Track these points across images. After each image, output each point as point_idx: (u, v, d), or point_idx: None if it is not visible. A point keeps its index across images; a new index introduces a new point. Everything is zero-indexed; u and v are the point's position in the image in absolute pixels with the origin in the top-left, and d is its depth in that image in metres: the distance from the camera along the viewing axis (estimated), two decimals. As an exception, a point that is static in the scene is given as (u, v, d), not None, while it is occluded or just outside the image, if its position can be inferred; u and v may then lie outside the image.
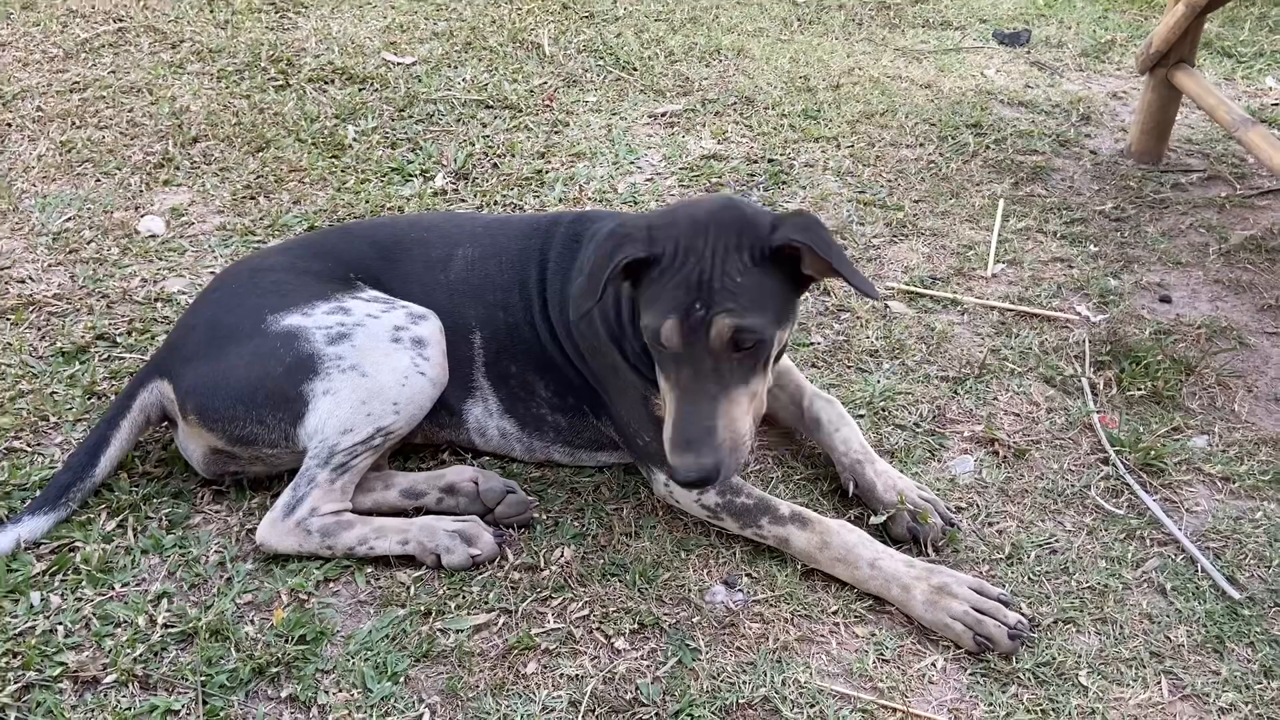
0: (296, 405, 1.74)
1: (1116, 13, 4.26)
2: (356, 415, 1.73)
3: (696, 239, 1.60)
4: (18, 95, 3.21)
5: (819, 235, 1.59)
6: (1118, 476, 1.96)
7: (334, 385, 1.73)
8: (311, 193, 2.79)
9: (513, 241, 1.96)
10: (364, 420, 1.73)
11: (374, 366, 1.75)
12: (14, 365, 2.14)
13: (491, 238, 1.98)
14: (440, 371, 1.81)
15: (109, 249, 2.53)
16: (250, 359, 1.75)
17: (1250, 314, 2.45)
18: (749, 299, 1.56)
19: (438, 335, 1.83)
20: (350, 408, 1.73)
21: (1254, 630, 1.66)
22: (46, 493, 1.78)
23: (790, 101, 3.39)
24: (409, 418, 1.77)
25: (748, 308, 1.56)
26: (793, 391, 1.99)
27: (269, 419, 1.75)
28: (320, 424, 1.73)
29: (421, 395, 1.78)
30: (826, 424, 1.91)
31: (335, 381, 1.74)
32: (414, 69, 3.50)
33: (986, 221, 2.78)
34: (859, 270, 1.53)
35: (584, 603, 1.69)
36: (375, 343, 1.76)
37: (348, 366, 1.74)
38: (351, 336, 1.76)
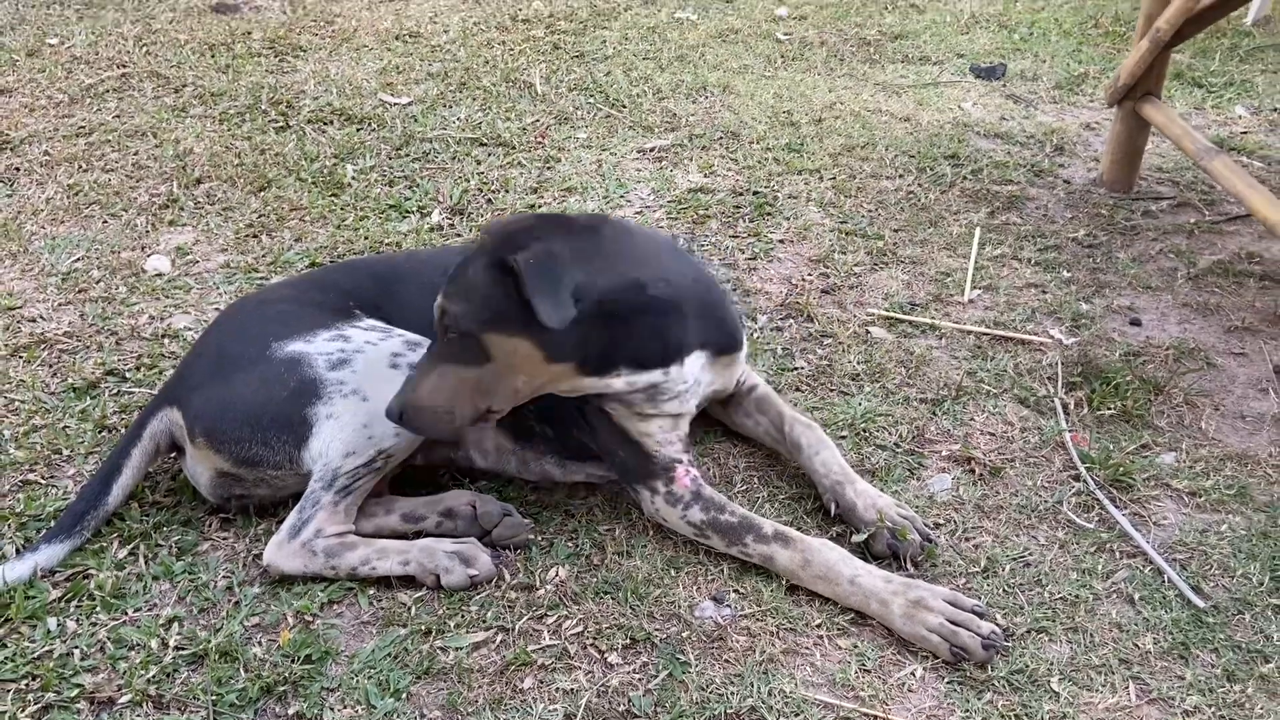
0: (300, 429, 1.82)
1: (1089, 47, 4.39)
2: (358, 438, 1.81)
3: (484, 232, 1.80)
4: (25, 140, 3.31)
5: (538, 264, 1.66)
6: (1089, 492, 2.04)
7: (336, 409, 1.82)
8: (312, 230, 2.88)
9: None
10: (366, 443, 1.82)
11: (374, 391, 1.83)
12: (27, 401, 2.22)
13: None
14: None
15: (117, 288, 2.62)
16: (256, 383, 1.84)
17: (1217, 335, 2.54)
18: (466, 290, 1.72)
19: None
20: (352, 431, 1.81)
21: (1218, 637, 1.74)
22: (62, 521, 1.85)
23: (774, 135, 3.51)
24: (409, 440, 1.85)
25: (458, 299, 1.72)
26: (773, 417, 2.08)
27: (274, 441, 1.83)
28: (324, 447, 1.81)
29: None
30: (807, 448, 2.00)
31: (337, 406, 1.82)
32: (410, 109, 3.61)
33: (963, 249, 2.88)
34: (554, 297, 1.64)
35: (578, 620, 1.76)
36: (375, 368, 1.85)
37: (349, 391, 1.83)
38: (352, 362, 1.85)
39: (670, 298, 1.83)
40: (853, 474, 1.95)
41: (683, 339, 1.88)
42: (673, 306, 1.84)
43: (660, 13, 4.63)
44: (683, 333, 1.87)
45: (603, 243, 1.79)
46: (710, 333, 1.94)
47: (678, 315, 1.85)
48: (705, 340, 1.93)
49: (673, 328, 1.85)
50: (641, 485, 1.92)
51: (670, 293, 1.83)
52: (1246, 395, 2.34)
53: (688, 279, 1.91)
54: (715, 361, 1.97)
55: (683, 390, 1.91)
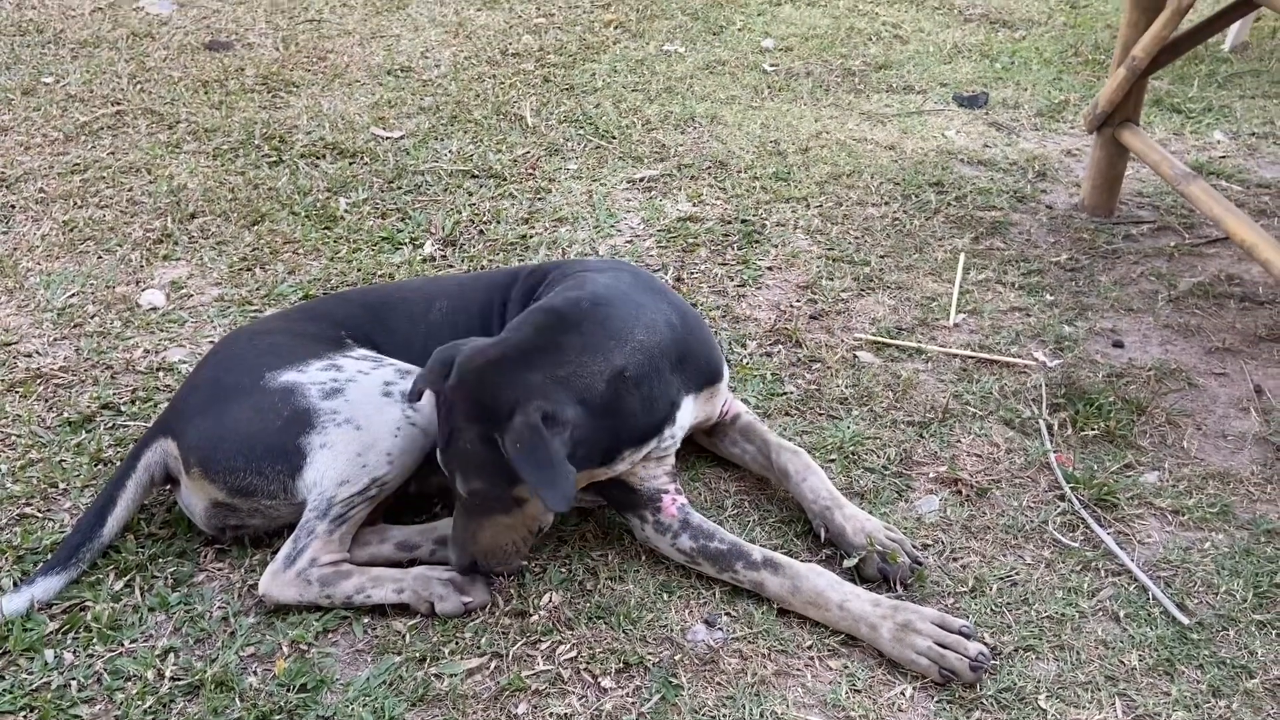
0: (294, 458, 1.84)
1: (1070, 75, 4.47)
2: (352, 467, 1.83)
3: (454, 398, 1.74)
4: (20, 178, 3.35)
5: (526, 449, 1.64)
6: (1074, 512, 2.07)
7: (330, 439, 1.84)
8: (306, 263, 2.92)
9: (480, 294, 2.14)
10: (360, 471, 1.84)
11: (367, 420, 1.85)
12: (23, 436, 2.24)
13: (463, 292, 2.15)
14: (431, 421, 1.92)
15: (112, 322, 2.65)
16: (250, 413, 1.86)
17: (1199, 356, 2.58)
18: (475, 465, 1.72)
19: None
20: (346, 460, 1.83)
21: (1203, 653, 1.77)
22: (58, 554, 1.87)
23: (762, 165, 3.56)
24: (403, 468, 1.88)
25: (472, 474, 1.73)
26: (759, 444, 2.11)
27: (268, 470, 1.85)
28: (318, 476, 1.84)
29: (414, 445, 1.89)
30: (794, 474, 2.02)
31: (331, 435, 1.84)
32: (402, 142, 3.66)
33: (948, 274, 2.92)
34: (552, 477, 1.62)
35: (571, 645, 1.78)
36: (368, 397, 1.88)
37: (343, 420, 1.85)
38: (345, 391, 1.88)
39: (652, 365, 1.84)
40: (841, 498, 1.98)
41: (672, 396, 1.90)
42: (655, 372, 1.84)
43: (648, 46, 4.70)
44: (671, 390, 1.89)
45: (582, 348, 1.77)
46: (693, 373, 1.96)
47: (662, 378, 1.86)
48: (690, 383, 1.95)
49: (660, 394, 1.86)
50: (631, 514, 1.95)
51: (652, 360, 1.83)
52: (1228, 415, 2.37)
53: (664, 330, 1.89)
54: (699, 396, 1.99)
55: (674, 441, 1.94)
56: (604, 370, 1.76)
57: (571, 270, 2.07)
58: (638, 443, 1.85)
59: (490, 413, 1.69)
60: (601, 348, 1.78)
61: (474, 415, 1.71)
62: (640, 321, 1.86)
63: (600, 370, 1.76)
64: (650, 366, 1.83)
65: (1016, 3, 5.44)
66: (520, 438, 1.64)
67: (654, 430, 1.86)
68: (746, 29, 4.98)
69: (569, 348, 1.76)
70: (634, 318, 1.86)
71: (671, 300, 2.02)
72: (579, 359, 1.75)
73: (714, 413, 2.10)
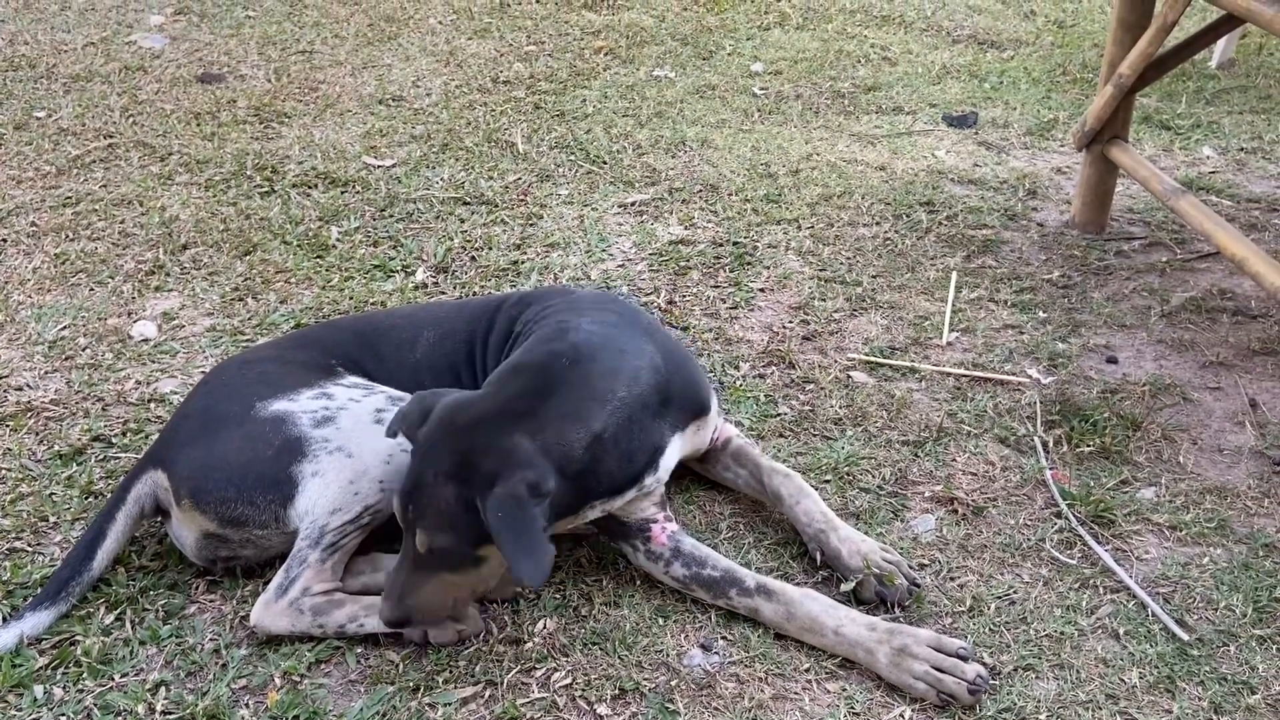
0: (286, 487, 1.83)
1: (1058, 94, 4.50)
2: (345, 495, 1.82)
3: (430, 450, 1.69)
4: (12, 212, 3.35)
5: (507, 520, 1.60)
6: (1071, 529, 2.06)
7: (322, 467, 1.83)
8: (298, 292, 2.91)
9: (465, 324, 2.12)
10: (352, 500, 1.83)
11: (359, 447, 1.84)
12: (14, 469, 2.23)
13: (450, 321, 2.14)
14: None
15: (103, 354, 2.64)
16: (241, 443, 1.85)
17: (1193, 371, 2.58)
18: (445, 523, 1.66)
19: None
20: (339, 488, 1.82)
21: (1203, 669, 1.75)
22: (47, 589, 1.85)
23: (753, 187, 3.57)
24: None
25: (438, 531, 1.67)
26: (751, 469, 2.09)
27: (259, 500, 1.84)
28: (310, 505, 1.82)
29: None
30: (788, 498, 2.00)
31: (323, 463, 1.83)
32: (394, 171, 3.67)
33: (941, 293, 2.92)
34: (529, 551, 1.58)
35: (566, 671, 1.76)
36: (359, 424, 1.87)
37: (334, 448, 1.84)
38: (336, 420, 1.87)
39: (634, 421, 1.79)
40: (835, 520, 1.97)
41: (655, 443, 1.85)
42: (637, 426, 1.80)
43: (638, 71, 4.73)
44: (654, 438, 1.84)
45: (563, 415, 1.73)
46: (679, 411, 1.91)
47: (644, 429, 1.81)
48: (676, 421, 1.91)
49: (640, 447, 1.81)
50: (623, 542, 1.93)
51: (633, 415, 1.79)
52: (1223, 429, 2.37)
53: (648, 378, 1.84)
54: (686, 431, 1.95)
55: (658, 482, 1.89)
56: (584, 437, 1.73)
57: (552, 305, 2.02)
58: (612, 495, 1.80)
59: (472, 475, 1.65)
60: (583, 413, 1.74)
61: (454, 475, 1.66)
62: (622, 375, 1.81)
63: (580, 438, 1.73)
64: (632, 422, 1.79)
65: (1004, 23, 5.49)
66: (504, 508, 1.60)
67: (631, 482, 1.82)
68: (736, 53, 5.01)
69: (551, 413, 1.72)
70: (615, 372, 1.81)
71: (656, 337, 1.97)
72: (560, 425, 1.72)
73: (703, 443, 2.07)
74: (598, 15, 5.57)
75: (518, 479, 1.63)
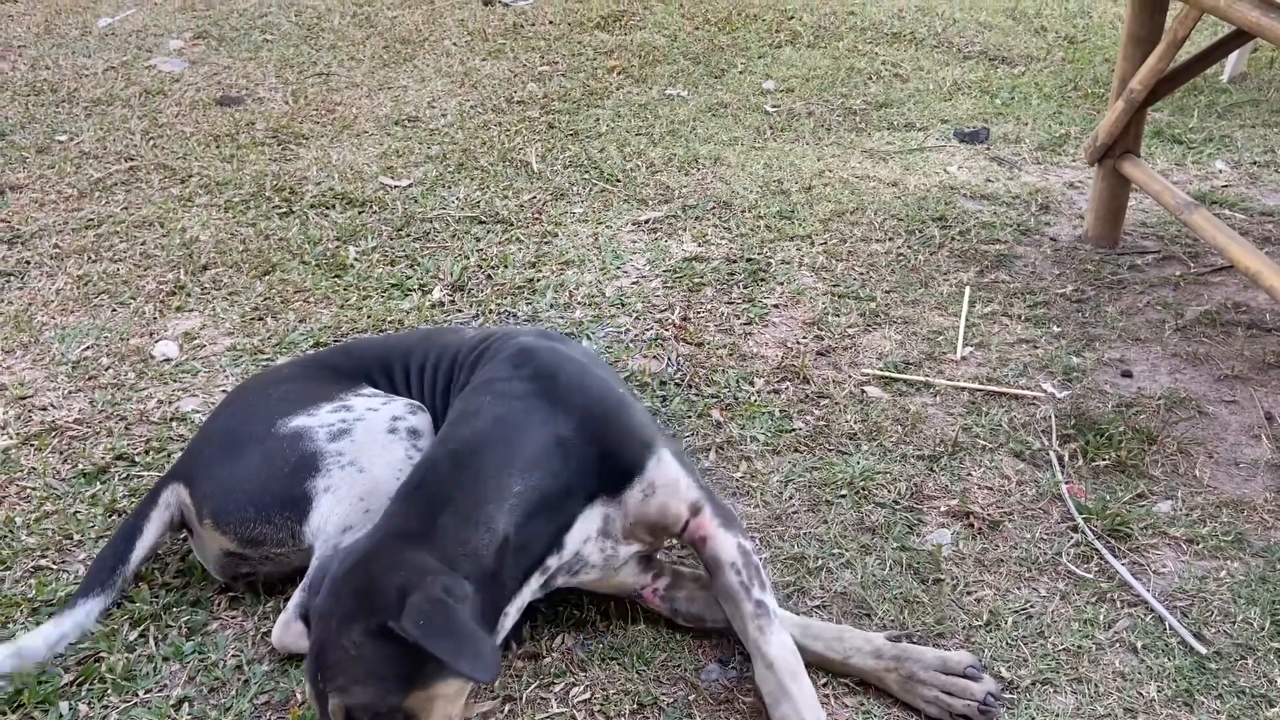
0: (301, 504, 1.84)
1: (1069, 109, 4.51)
2: (355, 512, 1.83)
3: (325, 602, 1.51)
4: (35, 234, 3.40)
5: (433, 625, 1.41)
6: (1087, 543, 2.07)
7: (334, 482, 1.84)
8: (316, 311, 2.95)
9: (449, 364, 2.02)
10: (362, 517, 1.83)
11: (370, 461, 1.85)
12: (38, 488, 2.26)
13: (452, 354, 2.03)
14: None
15: (126, 374, 2.67)
16: (260, 462, 1.87)
17: (1208, 384, 2.58)
18: (360, 673, 1.45)
19: (431, 426, 1.94)
20: (349, 504, 1.83)
21: (1221, 683, 1.75)
22: (90, 578, 1.87)
23: (765, 204, 3.59)
24: None
25: (355, 686, 1.45)
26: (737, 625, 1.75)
27: (276, 519, 1.85)
28: (322, 522, 1.84)
29: None
30: (766, 695, 1.68)
31: (335, 478, 1.84)
32: (410, 191, 3.71)
33: (954, 308, 2.93)
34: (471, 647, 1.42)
35: (585, 686, 1.77)
36: (372, 435, 1.88)
37: (347, 463, 1.85)
38: (351, 432, 1.88)
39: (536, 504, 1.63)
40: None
41: (564, 520, 1.67)
42: (540, 510, 1.63)
43: (651, 90, 4.77)
44: (563, 515, 1.67)
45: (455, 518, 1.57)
46: (601, 477, 1.71)
47: (550, 510, 1.65)
48: (593, 491, 1.71)
49: (539, 534, 1.64)
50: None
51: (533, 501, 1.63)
52: (1239, 442, 2.37)
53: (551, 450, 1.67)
54: (616, 498, 1.73)
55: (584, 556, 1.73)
56: (490, 542, 1.57)
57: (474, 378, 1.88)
58: (517, 593, 1.64)
59: (377, 602, 1.45)
60: (481, 518, 1.58)
61: (355, 612, 1.46)
62: (516, 464, 1.64)
63: (486, 543, 1.56)
64: (533, 516, 1.63)
65: (1015, 39, 5.51)
66: (424, 613, 1.41)
67: (533, 568, 1.65)
68: (747, 72, 5.04)
69: (448, 526, 1.56)
70: (509, 462, 1.64)
71: (572, 399, 1.74)
72: (462, 535, 1.56)
73: (660, 516, 1.75)
74: (610, 35, 5.63)
75: (430, 582, 1.46)
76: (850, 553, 2.05)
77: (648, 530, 1.77)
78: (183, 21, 5.88)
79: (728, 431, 2.41)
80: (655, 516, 1.75)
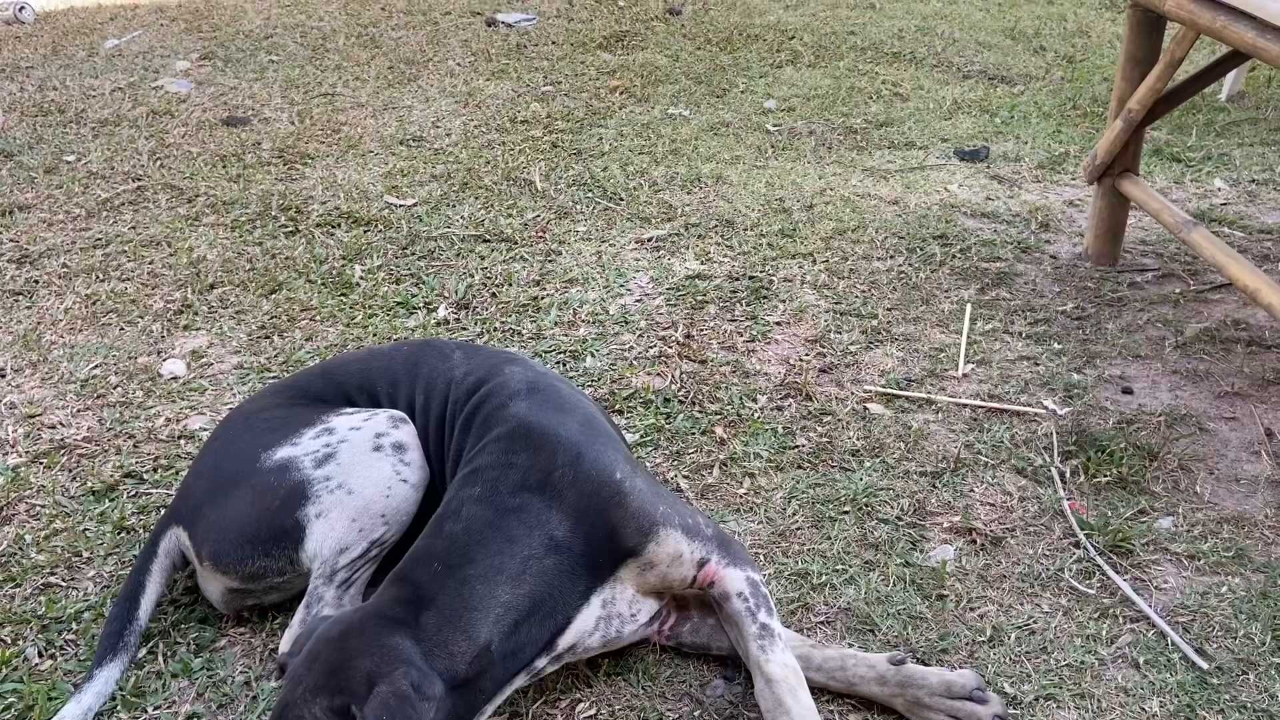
0: (295, 533, 1.85)
1: (1069, 128, 4.55)
2: (349, 534, 1.85)
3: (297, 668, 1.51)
4: (44, 254, 3.43)
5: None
6: (1089, 559, 2.08)
7: (325, 507, 1.85)
8: (322, 329, 2.97)
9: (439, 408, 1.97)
10: (356, 537, 1.85)
11: (359, 482, 1.86)
12: (48, 506, 2.28)
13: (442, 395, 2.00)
14: (421, 474, 1.92)
15: (134, 392, 2.70)
16: (250, 499, 1.88)
17: (1208, 401, 2.60)
18: None
19: (415, 438, 1.94)
20: (343, 527, 1.85)
21: (1223, 698, 1.76)
22: (104, 644, 1.84)
23: (767, 222, 3.62)
24: (399, 525, 1.89)
25: None
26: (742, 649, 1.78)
27: (274, 552, 1.87)
28: (318, 547, 1.85)
29: (406, 502, 1.90)
30: (766, 714, 1.67)
31: (325, 503, 1.85)
32: (415, 210, 3.74)
33: (956, 325, 2.96)
34: None
35: (591, 702, 1.79)
36: (358, 456, 1.88)
37: (335, 486, 1.86)
38: (336, 455, 1.88)
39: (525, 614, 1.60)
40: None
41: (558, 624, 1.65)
42: (527, 621, 1.61)
43: (653, 110, 4.81)
44: (557, 618, 1.65)
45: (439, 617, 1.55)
46: (604, 564, 1.70)
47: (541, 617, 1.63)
48: (597, 578, 1.70)
49: (531, 640, 1.63)
50: None
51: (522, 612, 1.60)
52: (1240, 458, 2.38)
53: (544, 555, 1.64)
54: (617, 576, 1.73)
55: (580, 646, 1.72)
56: (468, 651, 1.55)
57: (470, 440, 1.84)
58: (497, 694, 1.62)
59: (345, 683, 1.44)
60: (464, 623, 1.56)
61: (323, 687, 1.45)
62: (505, 574, 1.61)
63: (464, 651, 1.55)
64: (520, 625, 1.61)
65: (1014, 59, 5.56)
66: (387, 707, 1.40)
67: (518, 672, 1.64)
68: (749, 91, 5.09)
69: (430, 623, 1.55)
70: (497, 572, 1.61)
71: (562, 494, 1.69)
72: (442, 636, 1.55)
73: (668, 581, 1.77)
74: (613, 55, 5.68)
75: (400, 674, 1.44)
76: (853, 569, 2.06)
77: (653, 592, 1.78)
78: (189, 43, 5.94)
79: (731, 448, 2.43)
80: (657, 584, 1.77)
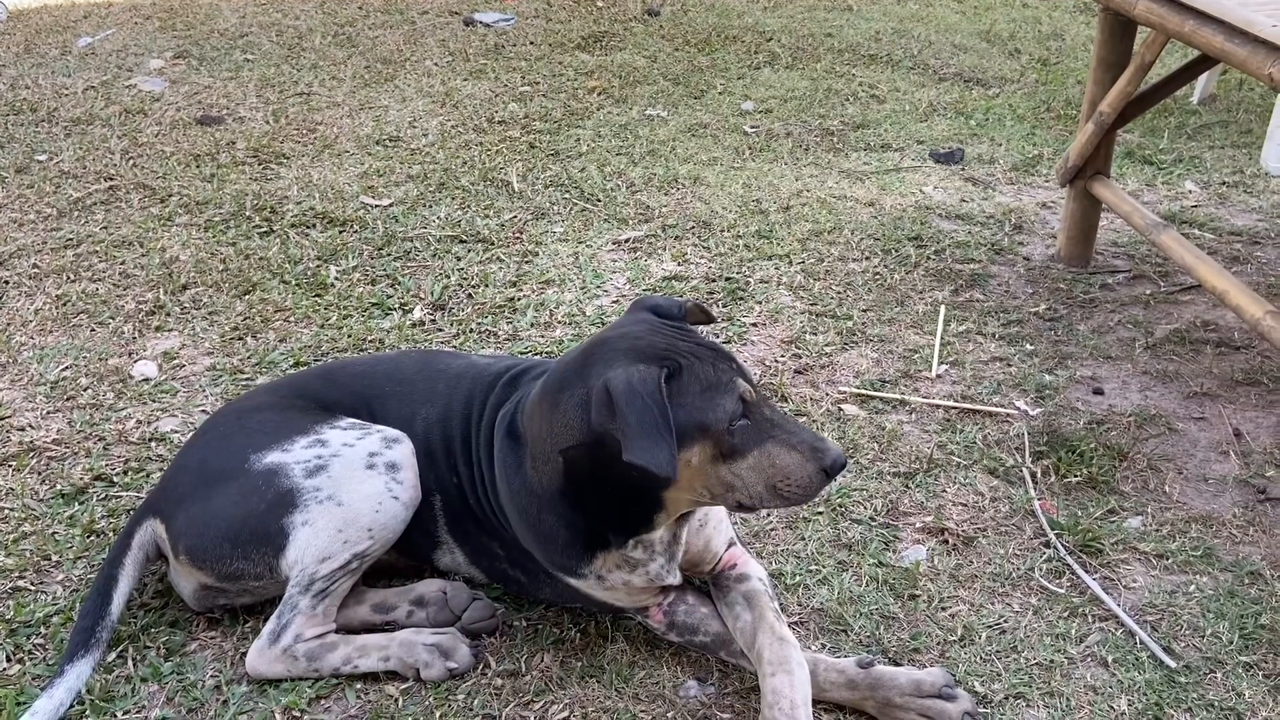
0: (278, 539, 1.84)
1: (1043, 130, 4.59)
2: (334, 543, 1.83)
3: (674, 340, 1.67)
4: (14, 254, 3.39)
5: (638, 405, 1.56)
6: (1059, 558, 2.10)
7: (311, 516, 1.84)
8: (296, 331, 2.96)
9: (460, 403, 1.99)
10: (341, 547, 1.84)
11: (349, 495, 1.85)
12: (16, 509, 2.26)
13: (447, 397, 2.01)
14: (413, 493, 1.91)
15: (104, 394, 2.67)
16: (235, 499, 1.86)
17: (1178, 401, 2.63)
18: None
19: (410, 458, 1.92)
20: (328, 537, 1.83)
21: (1191, 696, 1.78)
22: (75, 640, 1.82)
23: (744, 223, 3.63)
24: (383, 541, 1.88)
25: None
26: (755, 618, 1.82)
27: (253, 554, 1.85)
28: (300, 554, 1.84)
29: (394, 519, 1.88)
30: (766, 664, 1.71)
31: (313, 512, 1.84)
32: (391, 210, 3.73)
33: (929, 327, 2.97)
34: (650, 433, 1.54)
35: (564, 704, 1.78)
36: (350, 470, 1.86)
37: (325, 497, 1.84)
38: (328, 468, 1.86)
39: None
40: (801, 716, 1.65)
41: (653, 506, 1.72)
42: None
43: (631, 111, 4.81)
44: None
45: None
46: None
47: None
48: None
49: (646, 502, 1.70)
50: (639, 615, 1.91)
51: None
52: (1208, 459, 2.41)
53: None
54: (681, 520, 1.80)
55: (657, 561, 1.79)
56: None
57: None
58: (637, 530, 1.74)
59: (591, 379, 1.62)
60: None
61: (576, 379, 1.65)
62: None
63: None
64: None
65: (989, 62, 5.59)
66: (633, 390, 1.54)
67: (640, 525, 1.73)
68: (727, 93, 5.10)
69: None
70: None
71: None
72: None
73: (704, 551, 1.88)
74: (591, 56, 5.67)
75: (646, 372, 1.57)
76: (827, 569, 2.07)
77: (689, 563, 1.87)
78: (163, 41, 5.89)
79: (706, 450, 2.43)
80: (701, 547, 1.88)
